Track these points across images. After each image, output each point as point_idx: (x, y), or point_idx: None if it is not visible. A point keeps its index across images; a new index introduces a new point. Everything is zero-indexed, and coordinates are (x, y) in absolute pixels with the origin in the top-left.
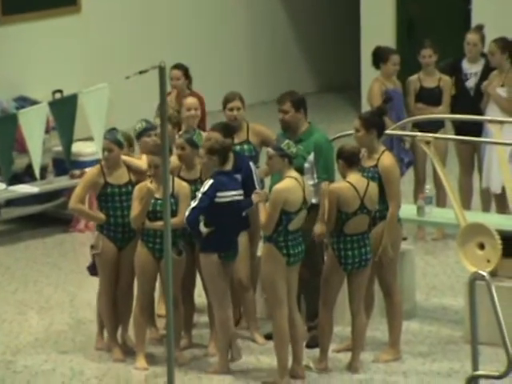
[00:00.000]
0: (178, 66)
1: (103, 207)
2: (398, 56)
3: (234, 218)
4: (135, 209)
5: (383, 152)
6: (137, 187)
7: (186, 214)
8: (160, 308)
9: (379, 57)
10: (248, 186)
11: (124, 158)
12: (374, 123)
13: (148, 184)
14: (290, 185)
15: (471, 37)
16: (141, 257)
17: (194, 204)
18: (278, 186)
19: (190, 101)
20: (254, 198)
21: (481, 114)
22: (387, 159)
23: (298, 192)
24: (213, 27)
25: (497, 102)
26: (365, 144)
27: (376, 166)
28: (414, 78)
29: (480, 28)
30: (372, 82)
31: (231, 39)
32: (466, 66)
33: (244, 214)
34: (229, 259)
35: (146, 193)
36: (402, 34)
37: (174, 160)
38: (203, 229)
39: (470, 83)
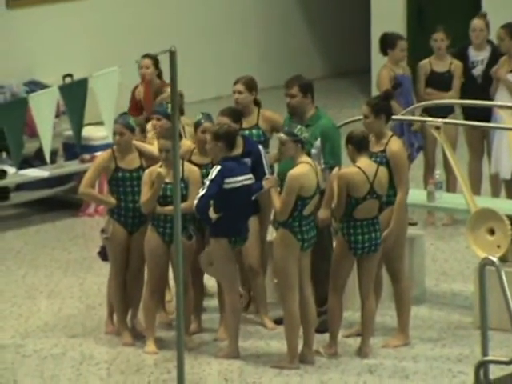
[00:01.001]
0: (148, 55)
1: (114, 192)
2: (405, 41)
3: (243, 203)
4: (145, 194)
5: (391, 137)
6: (146, 172)
7: (195, 202)
8: (169, 293)
9: (387, 43)
10: (257, 171)
11: (135, 143)
12: (382, 108)
13: (158, 169)
14: (305, 170)
15: (477, 22)
16: (151, 241)
17: (202, 192)
18: (294, 171)
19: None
20: (265, 183)
21: (489, 101)
22: (395, 144)
23: (313, 177)
24: (223, 11)
25: (507, 87)
26: (374, 130)
27: (384, 151)
28: (424, 62)
29: (484, 15)
30: (381, 68)
31: (241, 24)
32: (472, 53)
33: (254, 198)
34: (239, 244)
35: (156, 178)
36: (412, 19)
37: (186, 144)
38: (212, 215)
39: (477, 71)
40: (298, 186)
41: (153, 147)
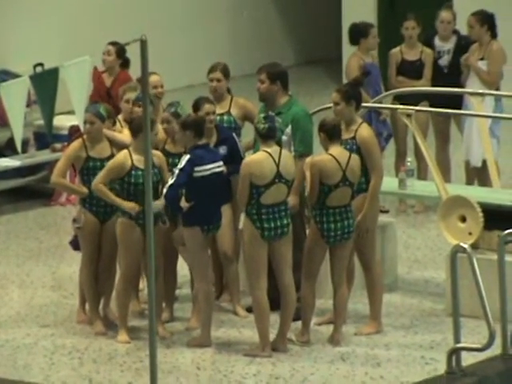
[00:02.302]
0: (113, 43)
1: (85, 181)
2: (376, 28)
3: (215, 191)
4: (102, 177)
5: (361, 124)
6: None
7: (164, 191)
8: (142, 282)
9: (359, 32)
10: (235, 156)
11: (106, 131)
12: (352, 95)
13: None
14: (259, 158)
15: (445, 15)
16: (124, 228)
17: (171, 181)
18: (246, 159)
19: (155, 78)
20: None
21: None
22: (365, 131)
23: (268, 165)
24: (194, 0)
25: (478, 75)
26: (344, 116)
27: (354, 137)
28: (395, 50)
29: (451, 6)
30: (349, 56)
31: (213, 12)
32: (438, 43)
33: (230, 179)
34: (212, 232)
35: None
36: (383, 7)
37: (161, 132)
38: (184, 204)
39: (444, 61)
40: (248, 173)
41: (124, 136)
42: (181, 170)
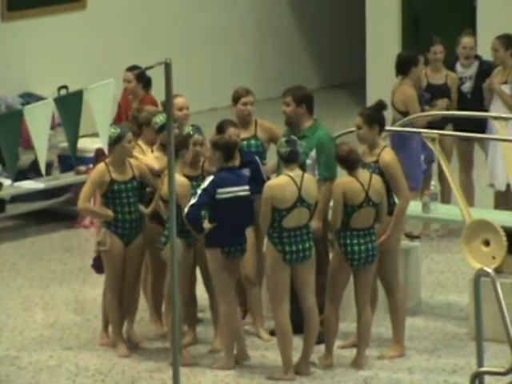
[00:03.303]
0: (130, 68)
1: (110, 204)
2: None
3: (238, 214)
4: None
5: (384, 148)
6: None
7: (185, 210)
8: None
9: (411, 62)
10: (257, 179)
11: (137, 155)
12: (375, 119)
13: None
14: (280, 182)
15: (468, 41)
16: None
17: (193, 201)
18: (268, 182)
19: (180, 100)
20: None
21: (480, 117)
22: (388, 155)
23: (290, 189)
24: (218, 23)
25: (501, 98)
26: (367, 141)
27: (377, 161)
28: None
29: (472, 33)
30: (400, 87)
31: (237, 36)
32: (460, 69)
33: (252, 199)
34: (235, 256)
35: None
36: (407, 31)
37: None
38: (206, 225)
39: (466, 87)
40: (270, 196)
41: (152, 161)
42: (203, 190)
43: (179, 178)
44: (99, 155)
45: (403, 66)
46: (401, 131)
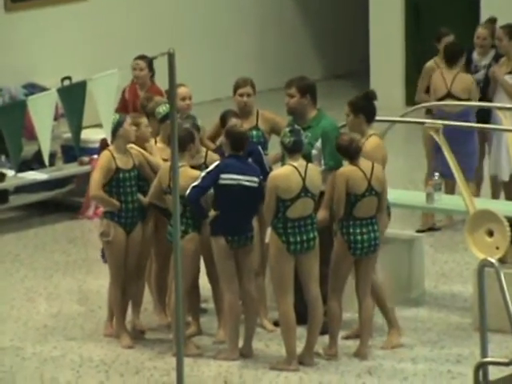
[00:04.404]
0: (142, 57)
1: (114, 193)
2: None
3: (242, 203)
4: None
5: (370, 136)
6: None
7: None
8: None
9: (459, 52)
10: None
11: (145, 154)
12: (361, 107)
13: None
14: (285, 172)
15: (481, 31)
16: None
17: (196, 183)
18: (272, 172)
19: (184, 90)
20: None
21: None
22: (370, 143)
23: (294, 179)
24: (221, 14)
25: (504, 88)
26: (354, 129)
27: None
28: (431, 64)
29: (492, 21)
30: (461, 75)
31: (240, 26)
32: (476, 57)
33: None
34: (238, 244)
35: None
36: (410, 21)
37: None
38: (212, 212)
39: (480, 75)
40: (274, 186)
41: (158, 159)
42: (207, 173)
43: (191, 171)
44: (103, 146)
45: (454, 57)
46: (406, 122)
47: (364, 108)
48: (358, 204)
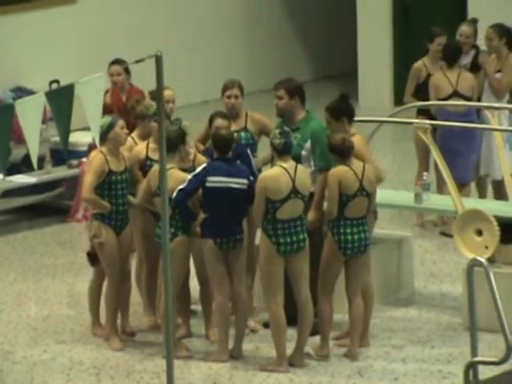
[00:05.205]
0: (118, 62)
1: (105, 195)
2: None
3: (231, 206)
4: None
5: (353, 135)
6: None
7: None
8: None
9: (459, 50)
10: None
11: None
12: (341, 111)
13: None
14: (274, 173)
15: (465, 29)
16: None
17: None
18: (261, 174)
19: (168, 93)
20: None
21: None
22: (357, 140)
23: (284, 180)
24: (210, 16)
25: (490, 81)
26: (338, 132)
27: None
28: (419, 64)
29: (474, 21)
30: (466, 74)
31: (228, 28)
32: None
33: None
34: (227, 247)
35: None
36: (399, 21)
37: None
38: (201, 215)
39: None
40: (264, 188)
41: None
42: (194, 176)
43: (181, 174)
44: (93, 148)
45: (456, 55)
46: (395, 122)
47: (344, 111)
48: (349, 204)
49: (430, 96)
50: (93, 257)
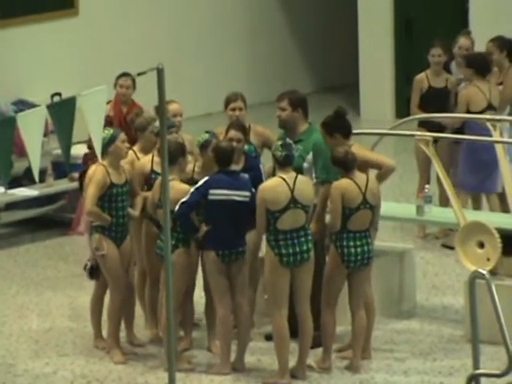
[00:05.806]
0: (125, 75)
1: (106, 208)
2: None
3: (234, 218)
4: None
5: (351, 146)
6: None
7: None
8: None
9: (489, 62)
10: (258, 184)
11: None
12: (335, 128)
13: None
14: (273, 184)
15: (464, 41)
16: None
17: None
18: (260, 185)
19: (176, 107)
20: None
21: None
22: (356, 150)
23: (282, 190)
24: (212, 29)
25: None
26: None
27: None
28: (421, 76)
29: (469, 32)
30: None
31: (230, 40)
32: (455, 70)
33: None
34: (229, 259)
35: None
36: (400, 33)
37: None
38: (204, 227)
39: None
40: (262, 199)
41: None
42: (196, 189)
43: (182, 186)
44: (87, 160)
45: (488, 67)
46: (396, 135)
47: (337, 127)
48: (353, 217)
49: (459, 109)
50: (92, 270)
